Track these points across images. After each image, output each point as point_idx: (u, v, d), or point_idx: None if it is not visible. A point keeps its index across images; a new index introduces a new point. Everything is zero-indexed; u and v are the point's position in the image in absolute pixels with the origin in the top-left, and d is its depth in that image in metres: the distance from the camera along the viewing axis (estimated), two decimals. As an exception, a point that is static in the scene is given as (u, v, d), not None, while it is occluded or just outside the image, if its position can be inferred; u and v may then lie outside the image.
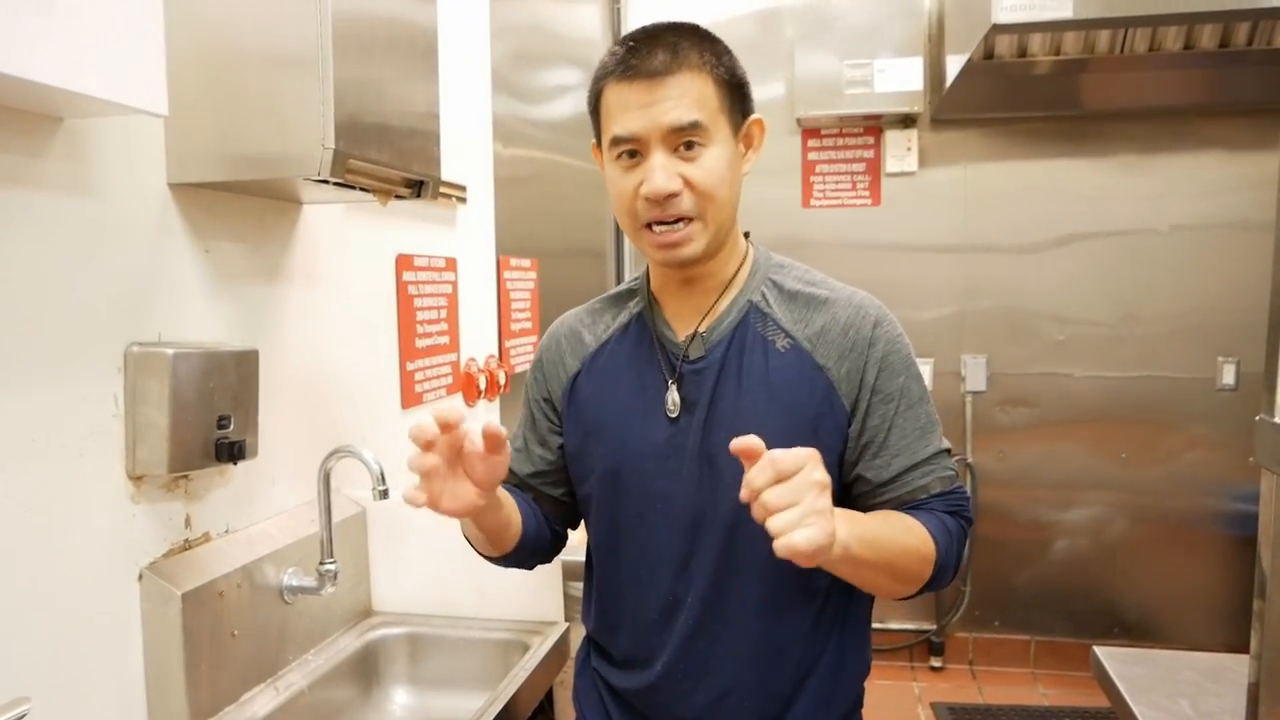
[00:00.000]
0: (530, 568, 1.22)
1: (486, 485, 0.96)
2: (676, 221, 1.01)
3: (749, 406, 1.04)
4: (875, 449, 1.04)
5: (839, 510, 0.86)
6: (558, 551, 1.23)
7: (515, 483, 1.20)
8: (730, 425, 1.00)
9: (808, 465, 0.80)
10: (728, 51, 1.05)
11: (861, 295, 1.09)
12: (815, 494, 0.79)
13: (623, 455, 1.09)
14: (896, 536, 0.97)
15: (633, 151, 1.01)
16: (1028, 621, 3.55)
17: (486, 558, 1.17)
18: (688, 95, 0.98)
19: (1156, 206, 3.35)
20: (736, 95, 1.04)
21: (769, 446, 0.83)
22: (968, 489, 1.08)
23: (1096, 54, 2.77)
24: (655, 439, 1.07)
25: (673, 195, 0.99)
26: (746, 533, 1.00)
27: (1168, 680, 1.27)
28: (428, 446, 0.95)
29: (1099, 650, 1.37)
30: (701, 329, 1.09)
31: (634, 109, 0.99)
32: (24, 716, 0.91)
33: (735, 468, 0.86)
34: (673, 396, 1.07)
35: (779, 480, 0.79)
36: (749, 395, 1.04)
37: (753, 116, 1.07)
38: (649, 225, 1.02)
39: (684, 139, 0.99)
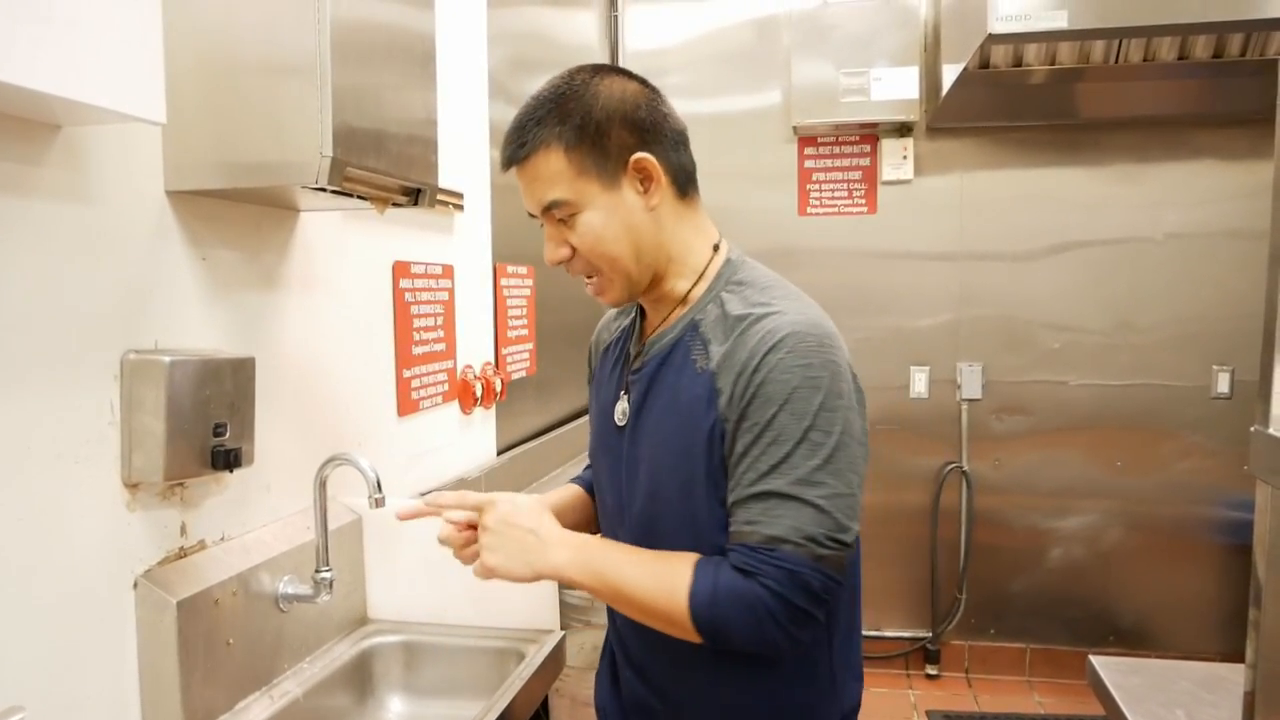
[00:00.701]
0: None
1: None
2: (590, 276, 1.10)
3: (658, 423, 1.08)
4: (730, 475, 1.01)
5: (574, 540, 1.04)
6: None
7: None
8: (646, 439, 1.09)
9: (483, 510, 1.06)
10: (580, 108, 1.03)
11: (791, 319, 1.01)
12: (484, 534, 1.05)
13: (592, 453, 1.23)
14: (633, 572, 1.01)
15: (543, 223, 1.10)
16: (1023, 629, 3.55)
17: None
18: (540, 177, 1.05)
19: (1151, 215, 3.36)
20: (597, 152, 1.03)
21: (667, 462, 1.06)
22: (815, 576, 0.96)
23: (1091, 64, 2.80)
24: (608, 443, 1.17)
25: (564, 261, 1.09)
26: (657, 537, 1.07)
27: (1163, 690, 1.27)
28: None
29: (1095, 660, 1.38)
30: (648, 340, 1.13)
31: (523, 193, 1.09)
32: (18, 725, 0.91)
33: (651, 479, 1.08)
34: (621, 406, 1.14)
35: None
36: (661, 412, 1.08)
37: (635, 155, 1.04)
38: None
39: (556, 214, 1.06)
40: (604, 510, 1.22)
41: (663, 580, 0.99)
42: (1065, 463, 3.48)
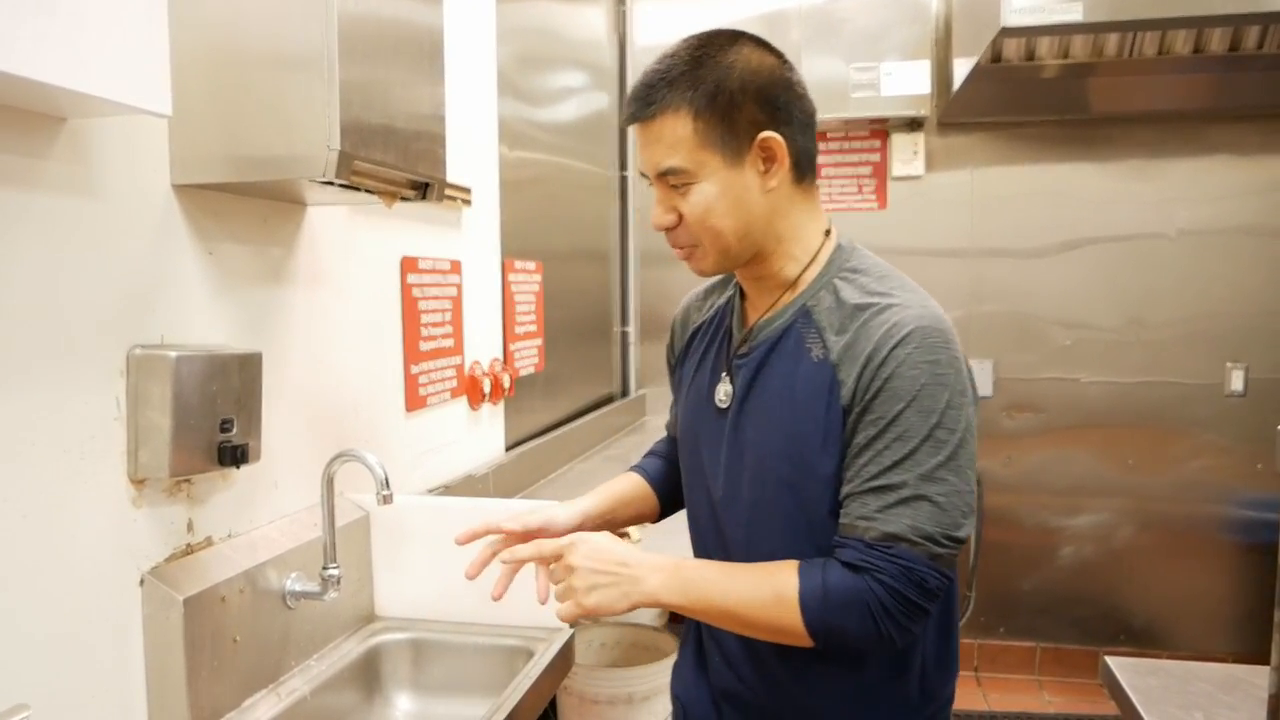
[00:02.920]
0: None
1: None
2: (688, 248, 1.08)
3: (769, 410, 1.07)
4: (849, 467, 1.01)
5: (664, 564, 1.03)
6: None
7: (672, 435, 1.35)
8: (755, 423, 1.08)
9: (566, 553, 1.05)
10: (716, 75, 1.01)
11: (916, 312, 1.00)
12: (563, 572, 1.05)
13: (685, 435, 1.21)
14: (734, 585, 1.01)
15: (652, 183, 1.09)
16: (1033, 628, 3.53)
17: None
18: (662, 140, 1.03)
19: (1164, 211, 3.33)
20: (724, 125, 1.01)
21: (778, 452, 1.05)
22: (930, 572, 0.96)
23: (1105, 58, 2.77)
24: (707, 426, 1.15)
25: (669, 228, 1.07)
26: (761, 523, 1.07)
27: (1180, 691, 1.25)
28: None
29: (1110, 660, 1.36)
30: (755, 325, 1.11)
31: (639, 150, 1.07)
32: (23, 723, 0.90)
33: (758, 465, 1.07)
34: (724, 388, 1.13)
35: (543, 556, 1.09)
36: (773, 398, 1.07)
37: (763, 134, 1.02)
38: None
39: (669, 181, 1.04)
40: (697, 493, 1.19)
41: (767, 590, 0.99)
42: (1076, 460, 3.46)
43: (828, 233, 1.11)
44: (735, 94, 1.01)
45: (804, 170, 1.07)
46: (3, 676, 0.96)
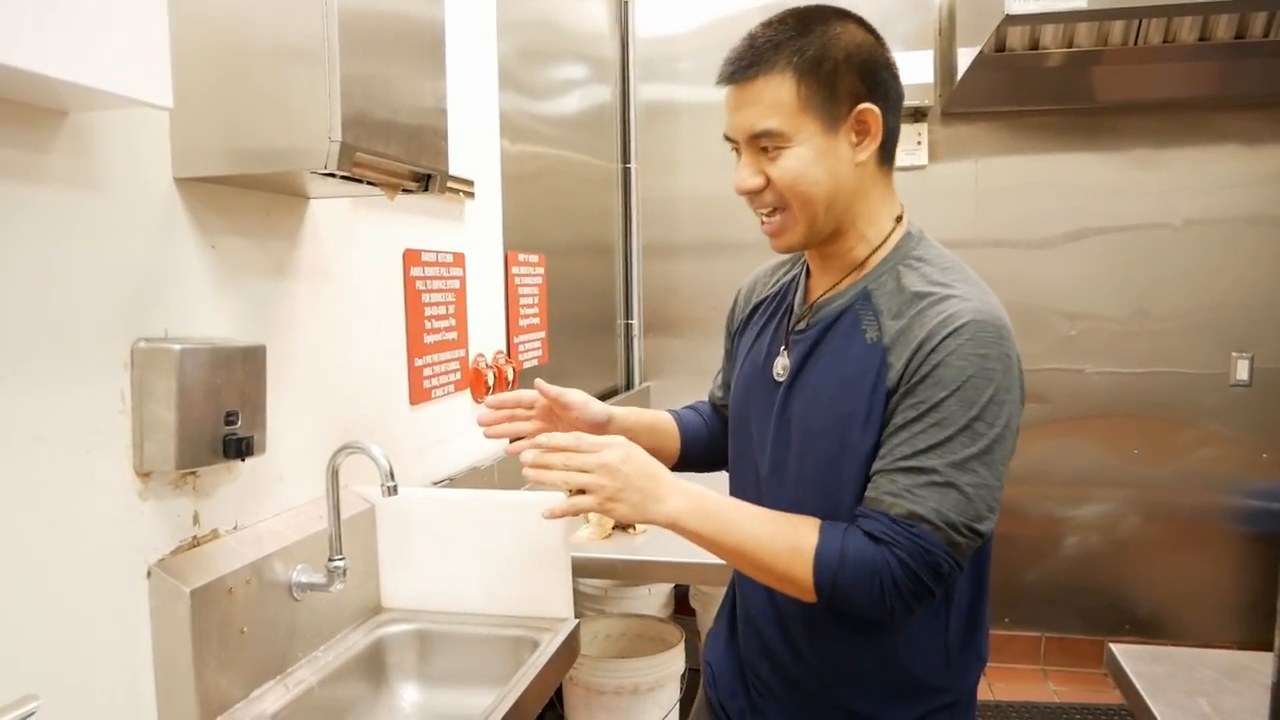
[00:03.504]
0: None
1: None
2: (773, 213, 1.08)
3: (818, 386, 1.09)
4: (883, 445, 1.03)
5: (690, 489, 1.05)
6: None
7: (712, 402, 1.41)
8: (806, 398, 1.10)
9: (604, 450, 1.04)
10: (824, 40, 1.03)
11: (974, 306, 1.01)
12: (599, 470, 1.03)
13: (738, 405, 1.22)
14: (754, 527, 1.03)
15: (736, 148, 1.09)
16: (1038, 618, 3.53)
17: None
18: (762, 101, 1.03)
19: (1170, 201, 3.32)
20: (826, 90, 1.03)
21: (822, 427, 1.07)
22: (945, 558, 0.98)
23: (1110, 46, 2.75)
24: (760, 397, 1.17)
25: (755, 191, 1.07)
26: (804, 495, 1.09)
27: (1185, 678, 1.26)
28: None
29: (1115, 647, 1.36)
30: (817, 302, 1.14)
31: (730, 111, 1.08)
32: (32, 714, 0.91)
33: (803, 439, 1.09)
34: (781, 362, 1.15)
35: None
36: (821, 376, 1.09)
37: (861, 105, 1.04)
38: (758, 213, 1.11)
39: (762, 143, 1.05)
40: (743, 462, 1.21)
41: (786, 537, 1.02)
42: (1081, 451, 3.45)
43: (899, 219, 1.13)
44: (840, 63, 1.03)
45: (889, 151, 1.10)
46: (13, 668, 0.97)
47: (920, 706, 1.12)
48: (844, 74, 1.03)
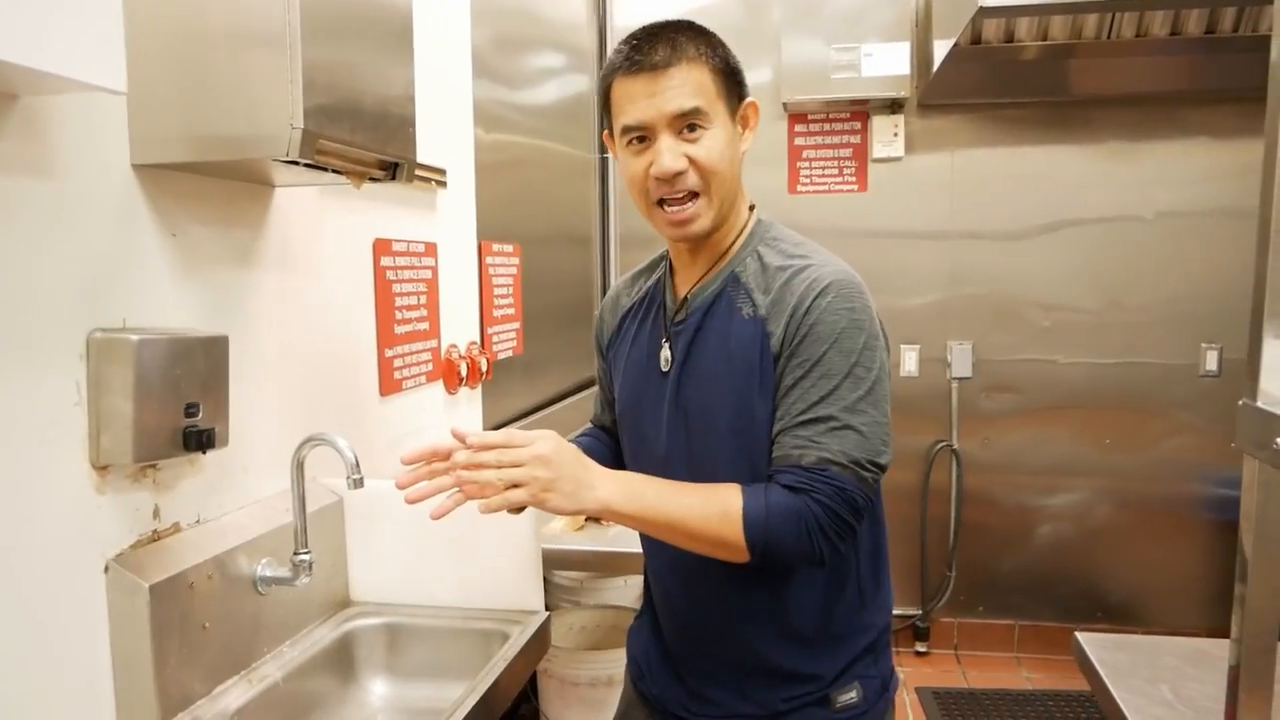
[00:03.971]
0: None
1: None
2: (686, 200, 1.13)
3: (708, 366, 1.16)
4: (780, 407, 1.10)
5: (616, 474, 1.10)
6: None
7: (597, 426, 1.46)
8: (697, 381, 1.17)
9: (536, 443, 1.04)
10: (722, 44, 1.16)
11: (832, 270, 1.12)
12: (533, 461, 1.03)
13: (627, 403, 1.28)
14: (681, 500, 1.07)
15: (642, 137, 1.13)
16: (1012, 606, 3.56)
17: None
18: (687, 84, 1.10)
19: (1142, 193, 3.34)
20: (731, 82, 1.15)
21: (721, 402, 1.14)
22: (858, 493, 1.07)
23: (1084, 39, 2.76)
24: (650, 390, 1.23)
25: (679, 173, 1.11)
26: (706, 472, 1.13)
27: (1148, 665, 1.27)
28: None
29: (1080, 636, 1.37)
30: (689, 294, 1.21)
31: (641, 99, 1.11)
32: (-18, 712, 0.89)
33: (701, 417, 1.16)
34: (665, 354, 1.22)
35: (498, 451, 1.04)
36: (710, 356, 1.16)
37: (747, 100, 1.17)
38: (660, 203, 1.15)
39: (686, 123, 1.11)
40: (642, 456, 1.26)
41: (713, 505, 1.07)
42: (1055, 441, 3.48)
43: (751, 207, 1.24)
44: (734, 62, 1.16)
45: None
46: (-39, 665, 0.95)
47: (848, 652, 1.20)
48: (739, 71, 1.16)
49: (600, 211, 3.67)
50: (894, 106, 3.44)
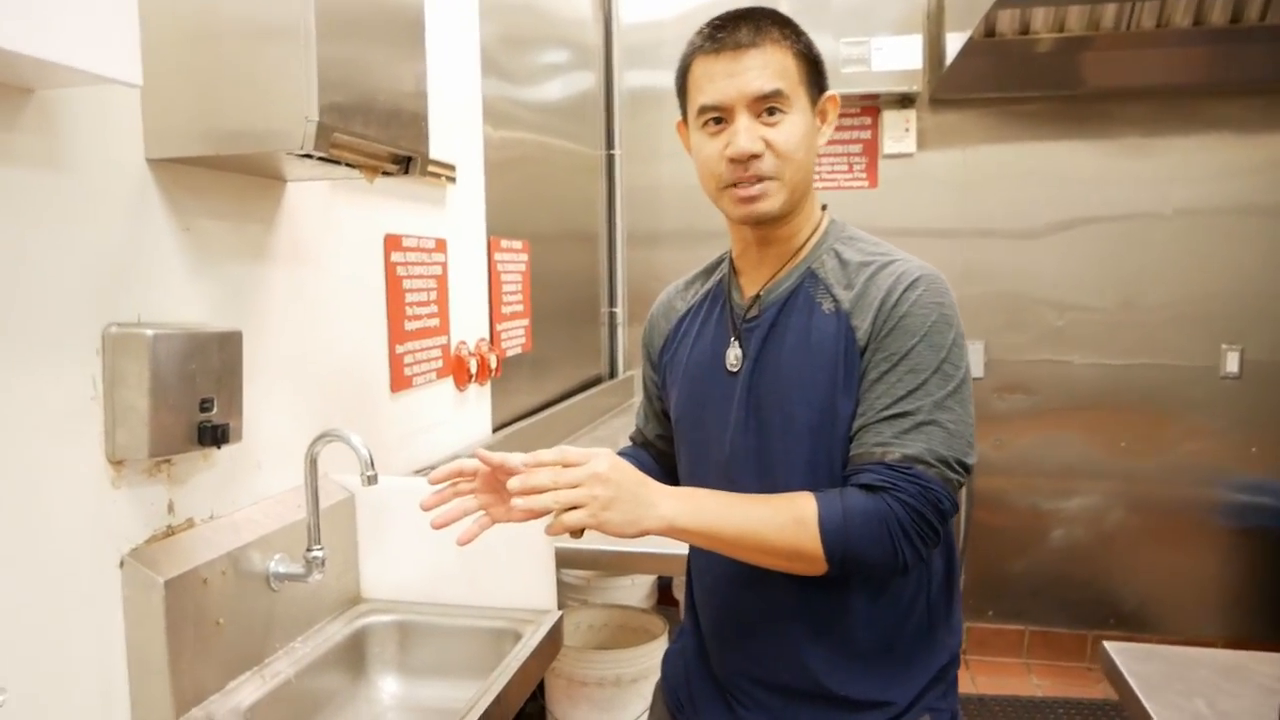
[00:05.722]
0: None
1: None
2: (757, 182, 1.09)
3: (787, 362, 1.11)
4: (862, 402, 1.06)
5: (677, 490, 1.04)
6: None
7: (641, 442, 1.39)
8: (773, 379, 1.12)
9: (592, 460, 0.98)
10: (805, 33, 1.12)
11: (918, 265, 1.09)
12: (590, 480, 0.96)
13: (686, 406, 1.22)
14: (750, 511, 1.02)
15: (718, 118, 1.09)
16: (1022, 611, 3.52)
17: None
18: (770, 66, 1.07)
19: (1161, 190, 3.29)
20: (813, 71, 1.11)
21: (801, 399, 1.09)
22: (944, 494, 1.01)
23: (1102, 30, 2.71)
24: (715, 391, 1.17)
25: (755, 156, 1.07)
26: (776, 476, 1.09)
27: (1181, 678, 1.23)
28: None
29: (1109, 645, 1.34)
30: (762, 292, 1.16)
31: (720, 79, 1.08)
32: (0, 705, 0.89)
33: (777, 416, 1.10)
34: (734, 352, 1.16)
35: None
36: (789, 353, 1.11)
37: (828, 93, 1.14)
38: (730, 186, 1.10)
39: (766, 105, 1.07)
40: (702, 461, 1.20)
41: (785, 514, 1.01)
42: (1068, 443, 3.44)
43: (824, 208, 1.20)
44: (818, 52, 1.13)
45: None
46: (-25, 661, 0.94)
47: (918, 678, 1.13)
48: (819, 62, 1.12)
49: (607, 209, 3.66)
50: (905, 101, 3.41)
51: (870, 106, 3.47)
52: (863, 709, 1.11)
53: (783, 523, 1.01)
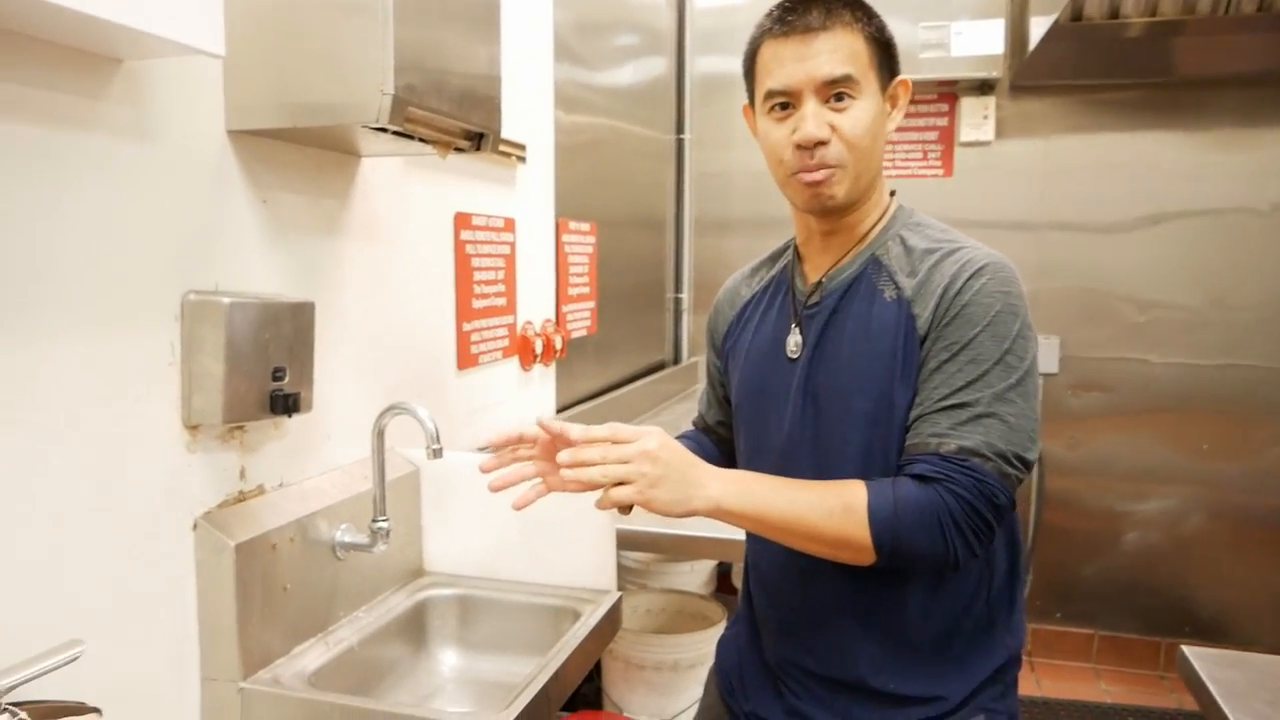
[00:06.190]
0: None
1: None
2: (822, 169, 1.06)
3: (845, 350, 1.09)
4: (920, 391, 1.04)
5: (725, 471, 1.03)
6: None
7: (703, 427, 1.39)
8: (832, 366, 1.10)
9: (642, 439, 0.98)
10: (878, 15, 1.10)
11: (985, 253, 1.06)
12: (639, 458, 0.97)
13: (747, 392, 1.21)
14: (799, 496, 1.00)
15: (785, 103, 1.07)
16: (1092, 615, 3.42)
17: None
18: (840, 50, 1.04)
19: (1255, 184, 3.14)
20: (885, 55, 1.09)
21: (858, 388, 1.06)
22: (1000, 489, 0.98)
23: (1197, 14, 2.58)
24: (775, 378, 1.16)
25: (822, 143, 1.05)
26: (832, 464, 1.07)
27: (1267, 687, 1.17)
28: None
29: (1188, 650, 1.28)
30: (824, 278, 1.15)
31: (789, 63, 1.06)
32: (76, 659, 0.91)
33: (834, 404, 1.09)
34: (794, 339, 1.15)
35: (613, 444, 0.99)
36: (849, 340, 1.09)
37: (899, 77, 1.11)
38: (796, 173, 1.08)
39: (835, 90, 1.05)
40: (761, 447, 1.19)
41: (833, 500, 1.00)
42: (1146, 444, 3.32)
43: (892, 193, 1.18)
44: (890, 35, 1.10)
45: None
46: (59, 613, 0.98)
47: (972, 676, 1.11)
48: (890, 45, 1.10)
49: (675, 195, 3.64)
50: (984, 88, 3.32)
51: (948, 93, 3.37)
52: (910, 704, 1.10)
53: (831, 509, 0.99)
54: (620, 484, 0.98)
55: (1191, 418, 3.27)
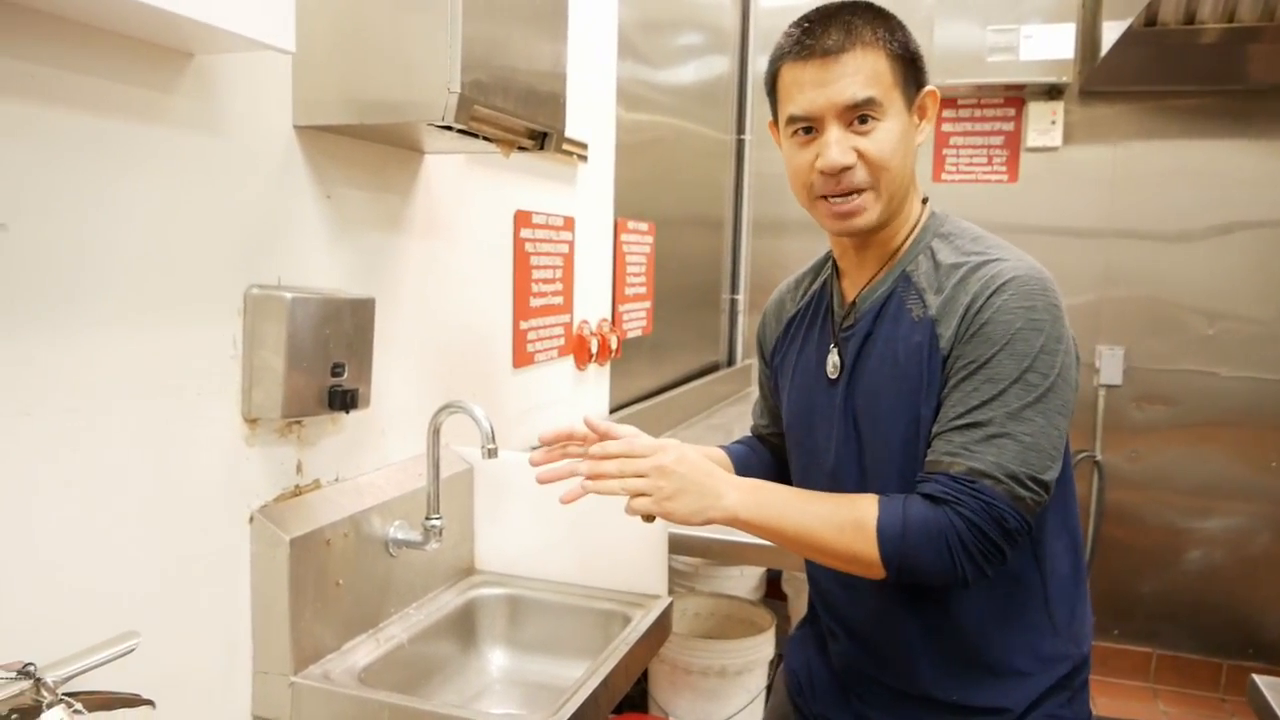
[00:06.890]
0: None
1: None
2: (850, 194, 1.05)
3: (876, 372, 1.09)
4: (941, 409, 1.03)
5: (744, 482, 1.05)
6: None
7: (759, 435, 1.39)
8: (866, 391, 1.10)
9: (657, 454, 1.03)
10: (901, 26, 1.07)
11: (1013, 265, 1.03)
12: (654, 472, 1.02)
13: (796, 413, 1.21)
14: (811, 509, 1.01)
15: (808, 128, 1.06)
16: (1151, 633, 3.32)
17: None
18: (861, 72, 1.02)
19: (1335, 194, 3.02)
20: (909, 69, 1.07)
21: (889, 412, 1.06)
22: (1010, 512, 0.96)
23: (1277, 20, 2.50)
24: (820, 399, 1.16)
25: (846, 169, 1.04)
26: (878, 489, 1.05)
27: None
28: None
29: (1260, 679, 1.23)
30: (858, 298, 1.14)
31: (809, 88, 1.04)
32: (132, 650, 0.92)
33: (872, 429, 1.09)
34: (833, 360, 1.15)
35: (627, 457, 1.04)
36: (879, 362, 1.09)
37: (926, 88, 1.09)
38: (824, 196, 1.07)
39: (858, 114, 1.03)
40: (811, 468, 1.19)
41: (844, 516, 1.00)
42: (1211, 459, 3.21)
43: (924, 200, 1.15)
44: (915, 48, 1.08)
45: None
46: (116, 603, 0.99)
47: (1035, 685, 1.09)
48: (919, 57, 1.08)
49: (734, 195, 3.61)
50: (1053, 93, 3.23)
51: (1015, 97, 3.29)
52: (973, 714, 1.09)
53: (842, 524, 1.00)
54: (639, 494, 1.03)
55: (1260, 433, 3.16)
